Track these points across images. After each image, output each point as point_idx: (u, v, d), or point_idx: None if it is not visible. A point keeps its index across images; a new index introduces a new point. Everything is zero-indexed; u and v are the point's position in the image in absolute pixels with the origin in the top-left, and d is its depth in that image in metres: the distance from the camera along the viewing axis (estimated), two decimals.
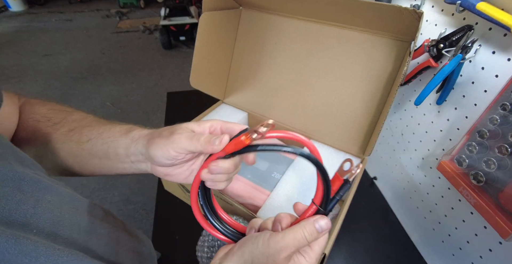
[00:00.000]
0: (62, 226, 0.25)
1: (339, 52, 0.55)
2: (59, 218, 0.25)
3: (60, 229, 0.25)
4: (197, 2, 3.23)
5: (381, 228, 0.62)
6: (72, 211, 0.27)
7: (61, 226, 0.25)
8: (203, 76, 0.63)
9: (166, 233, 0.59)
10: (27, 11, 4.02)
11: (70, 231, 0.26)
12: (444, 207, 0.51)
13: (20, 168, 0.25)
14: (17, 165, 0.25)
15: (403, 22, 0.42)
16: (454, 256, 0.49)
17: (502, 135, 0.37)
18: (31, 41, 3.12)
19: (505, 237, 0.36)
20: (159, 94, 2.27)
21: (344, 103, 0.56)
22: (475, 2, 0.38)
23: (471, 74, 0.43)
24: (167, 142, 0.29)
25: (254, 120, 0.68)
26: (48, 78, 2.46)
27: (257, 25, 0.63)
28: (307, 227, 0.24)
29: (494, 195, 0.37)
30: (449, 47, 0.44)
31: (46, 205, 0.25)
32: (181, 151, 0.29)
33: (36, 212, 0.23)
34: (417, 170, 0.57)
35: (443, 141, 0.50)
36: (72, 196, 0.29)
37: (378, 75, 0.52)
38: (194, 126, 0.30)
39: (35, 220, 0.23)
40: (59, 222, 0.25)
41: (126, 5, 4.26)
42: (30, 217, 0.23)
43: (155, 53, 2.91)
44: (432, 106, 0.52)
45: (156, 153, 0.29)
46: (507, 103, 0.36)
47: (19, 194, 0.23)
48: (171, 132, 0.29)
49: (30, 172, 0.26)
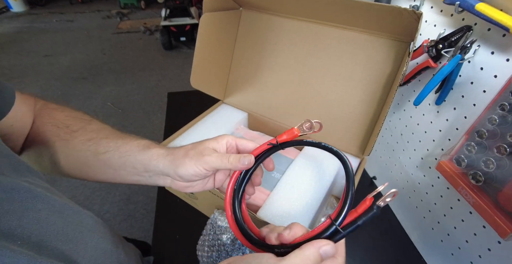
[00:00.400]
0: (48, 236, 0.25)
1: (339, 53, 0.55)
2: (46, 228, 0.25)
3: (46, 239, 0.25)
4: (197, 3, 3.24)
5: (380, 228, 0.63)
6: (61, 221, 0.27)
7: (47, 237, 0.25)
8: (203, 77, 0.63)
9: (166, 233, 0.59)
10: (28, 12, 4.03)
11: (56, 241, 0.25)
12: (443, 206, 0.51)
13: (13, 177, 0.25)
14: (11, 173, 0.26)
15: (403, 22, 0.42)
16: (453, 255, 0.49)
17: (501, 135, 0.37)
18: (32, 42, 3.13)
19: (504, 236, 0.36)
20: (160, 94, 2.28)
21: (344, 104, 0.56)
22: (474, 2, 0.38)
23: (470, 74, 0.43)
24: (199, 163, 0.32)
25: (254, 120, 0.69)
26: (49, 79, 2.46)
27: (257, 25, 0.64)
28: (310, 251, 0.23)
29: (493, 195, 0.37)
30: (448, 47, 0.45)
31: (33, 215, 0.25)
32: (211, 169, 0.33)
33: (21, 222, 0.23)
34: (416, 169, 0.58)
35: (442, 141, 0.50)
36: (63, 205, 0.29)
37: (377, 76, 0.52)
38: (214, 145, 0.34)
39: (20, 231, 0.23)
40: (45, 232, 0.25)
41: (127, 5, 4.27)
42: (15, 228, 0.23)
43: (155, 53, 2.91)
44: (431, 107, 0.52)
45: (186, 173, 0.33)
46: (505, 104, 0.36)
47: (7, 204, 0.23)
48: (198, 152, 0.33)
49: (23, 180, 0.26)
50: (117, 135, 0.38)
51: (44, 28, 3.51)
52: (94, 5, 4.41)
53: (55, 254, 0.25)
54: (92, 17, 3.93)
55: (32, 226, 0.24)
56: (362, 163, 0.54)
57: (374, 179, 0.73)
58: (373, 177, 0.74)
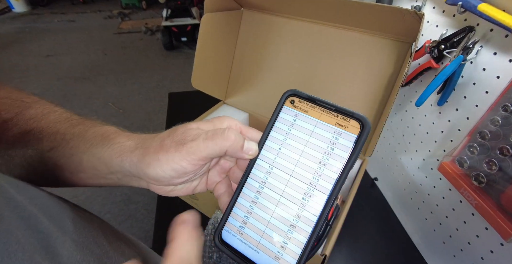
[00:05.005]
0: None
1: (341, 53, 0.55)
2: None
3: None
4: (198, 3, 3.24)
5: (382, 229, 0.62)
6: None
7: None
8: (204, 77, 0.63)
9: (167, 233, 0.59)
10: (30, 12, 4.04)
11: None
12: (445, 208, 0.50)
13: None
14: None
15: (404, 23, 0.42)
16: (455, 257, 0.49)
17: (504, 136, 0.37)
18: (34, 42, 3.14)
19: (506, 238, 0.35)
20: (161, 94, 2.28)
21: (345, 104, 0.56)
22: (476, 3, 0.38)
23: (472, 75, 0.43)
24: (180, 155, 0.21)
25: (255, 121, 0.68)
26: (50, 79, 2.47)
27: (259, 26, 0.63)
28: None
29: (496, 196, 0.37)
30: (450, 48, 0.44)
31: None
32: (199, 162, 0.22)
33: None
34: (418, 171, 0.57)
35: (444, 142, 0.50)
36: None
37: (379, 76, 0.52)
38: (205, 126, 0.24)
39: None
40: None
41: (128, 6, 4.27)
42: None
43: (156, 54, 2.91)
44: (433, 107, 0.51)
45: (162, 174, 0.22)
46: (508, 105, 0.36)
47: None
48: (177, 140, 0.22)
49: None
50: (69, 121, 0.27)
51: (46, 28, 3.52)
52: (96, 5, 4.42)
53: None
54: (93, 17, 3.94)
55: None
56: (363, 163, 0.54)
57: (375, 180, 0.73)
58: (374, 178, 0.73)
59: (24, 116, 0.26)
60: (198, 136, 0.22)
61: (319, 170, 0.22)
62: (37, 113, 0.27)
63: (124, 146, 0.24)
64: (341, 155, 0.21)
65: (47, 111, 0.27)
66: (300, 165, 0.23)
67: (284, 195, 0.23)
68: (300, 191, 0.22)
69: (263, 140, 0.24)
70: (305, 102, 0.24)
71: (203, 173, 0.25)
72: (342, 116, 0.22)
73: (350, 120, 0.22)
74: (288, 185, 0.23)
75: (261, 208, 0.23)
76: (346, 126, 0.22)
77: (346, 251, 0.58)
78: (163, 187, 0.25)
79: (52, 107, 0.28)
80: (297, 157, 0.23)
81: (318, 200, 0.21)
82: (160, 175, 0.22)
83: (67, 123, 0.27)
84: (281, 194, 0.23)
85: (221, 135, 0.22)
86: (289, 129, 0.24)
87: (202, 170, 0.24)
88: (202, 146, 0.21)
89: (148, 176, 0.23)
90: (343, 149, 0.21)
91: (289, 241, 0.22)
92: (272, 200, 0.23)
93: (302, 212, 0.22)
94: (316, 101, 0.23)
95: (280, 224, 0.22)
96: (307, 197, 0.22)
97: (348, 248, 0.58)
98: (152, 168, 0.22)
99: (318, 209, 0.21)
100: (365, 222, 0.63)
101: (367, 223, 0.63)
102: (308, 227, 0.21)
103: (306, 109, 0.23)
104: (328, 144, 0.22)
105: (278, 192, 0.23)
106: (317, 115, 0.23)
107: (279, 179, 0.23)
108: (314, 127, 0.23)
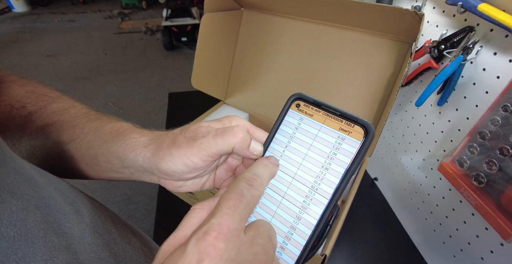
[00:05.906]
0: None
1: (341, 53, 0.55)
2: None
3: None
4: (198, 3, 3.24)
5: (382, 229, 0.62)
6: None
7: None
8: (204, 77, 0.63)
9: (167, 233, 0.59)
10: (30, 12, 4.04)
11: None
12: (445, 208, 0.50)
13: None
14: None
15: (404, 23, 0.42)
16: (455, 257, 0.49)
17: (504, 136, 0.37)
18: (34, 42, 3.14)
19: (506, 238, 0.35)
20: (161, 94, 2.28)
21: (345, 104, 0.56)
22: (477, 3, 0.38)
23: (472, 75, 0.43)
24: (191, 151, 0.22)
25: (255, 121, 0.68)
26: (50, 79, 2.47)
27: (259, 26, 0.63)
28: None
29: (496, 196, 0.37)
30: (450, 48, 0.45)
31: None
32: (210, 158, 0.23)
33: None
34: (418, 171, 0.57)
35: (444, 142, 0.50)
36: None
37: (379, 76, 0.52)
38: (215, 125, 0.25)
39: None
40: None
41: (128, 6, 4.28)
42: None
43: (156, 54, 2.92)
44: (433, 108, 0.51)
45: (174, 168, 0.23)
46: (508, 105, 0.36)
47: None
48: (189, 136, 0.23)
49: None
50: (87, 116, 0.29)
51: (46, 28, 3.52)
52: (96, 5, 4.42)
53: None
54: (93, 17, 3.94)
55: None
56: (363, 164, 0.54)
57: (375, 180, 0.73)
58: (374, 178, 0.73)
59: (48, 110, 0.28)
60: (208, 132, 0.23)
61: (321, 174, 0.22)
62: (59, 108, 0.28)
63: (138, 141, 0.25)
64: (344, 160, 0.21)
65: (68, 106, 0.29)
66: (302, 168, 0.23)
67: (286, 197, 0.23)
68: (302, 194, 0.22)
69: (268, 141, 0.25)
70: (311, 106, 0.24)
71: (212, 169, 0.26)
72: (346, 121, 0.22)
73: (354, 126, 0.22)
74: (290, 187, 0.23)
75: (263, 208, 0.23)
76: (350, 131, 0.22)
77: (346, 251, 0.58)
78: (173, 182, 0.26)
79: (72, 102, 0.30)
80: (300, 160, 0.23)
81: (319, 204, 0.21)
82: (171, 169, 0.23)
83: (85, 118, 0.28)
84: (283, 195, 0.23)
85: (230, 132, 0.23)
86: (294, 133, 0.24)
87: (211, 167, 0.25)
88: (212, 142, 0.22)
89: (160, 170, 0.24)
90: (346, 154, 0.21)
91: (288, 242, 0.22)
92: (274, 201, 0.23)
93: (302, 215, 0.22)
94: (321, 106, 0.23)
95: (280, 225, 0.22)
96: (308, 200, 0.22)
97: (348, 248, 0.58)
98: (164, 162, 0.23)
99: (319, 213, 0.21)
100: (365, 222, 0.63)
101: (367, 223, 0.63)
102: (307, 230, 0.21)
103: (311, 114, 0.24)
104: (331, 149, 0.22)
105: (280, 194, 0.23)
106: (322, 120, 0.23)
107: (281, 180, 0.23)
108: (318, 132, 0.23)
